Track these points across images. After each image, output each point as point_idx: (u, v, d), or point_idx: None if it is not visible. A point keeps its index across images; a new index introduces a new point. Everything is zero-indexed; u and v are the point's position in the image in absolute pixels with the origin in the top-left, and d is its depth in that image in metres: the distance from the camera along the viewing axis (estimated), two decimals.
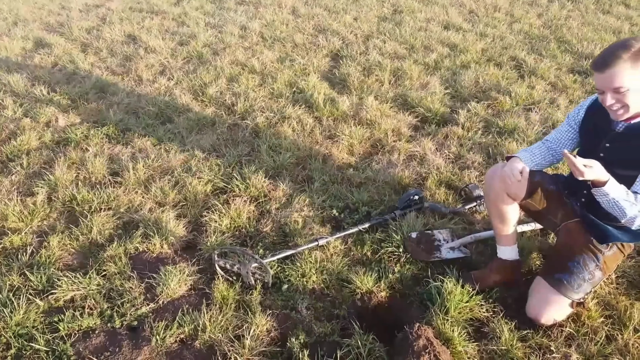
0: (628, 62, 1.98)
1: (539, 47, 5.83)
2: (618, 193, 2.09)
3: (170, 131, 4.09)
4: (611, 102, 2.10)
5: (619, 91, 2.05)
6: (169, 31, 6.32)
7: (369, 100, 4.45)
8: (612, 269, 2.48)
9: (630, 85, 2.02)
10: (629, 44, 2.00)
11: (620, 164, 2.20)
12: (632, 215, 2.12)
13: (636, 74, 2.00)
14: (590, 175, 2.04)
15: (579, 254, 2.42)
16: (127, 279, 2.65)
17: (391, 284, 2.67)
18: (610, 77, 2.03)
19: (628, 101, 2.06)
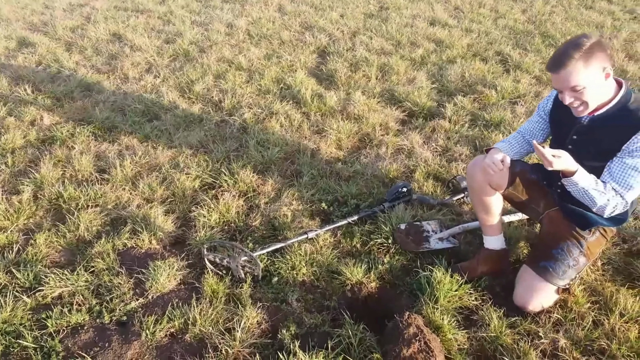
0: (580, 61, 2.02)
1: (524, 42, 5.89)
2: (587, 182, 2.14)
3: (158, 128, 4.07)
4: (570, 100, 2.15)
5: (575, 90, 2.09)
6: (154, 29, 6.28)
7: (356, 96, 4.46)
8: (595, 254, 2.51)
9: (586, 82, 2.06)
10: (580, 43, 2.03)
11: (587, 156, 2.25)
12: (601, 204, 2.17)
13: (590, 72, 2.04)
14: (559, 165, 2.08)
15: (562, 241, 2.45)
16: (115, 275, 2.64)
17: (381, 274, 2.68)
18: (565, 78, 2.07)
19: (586, 98, 2.11)
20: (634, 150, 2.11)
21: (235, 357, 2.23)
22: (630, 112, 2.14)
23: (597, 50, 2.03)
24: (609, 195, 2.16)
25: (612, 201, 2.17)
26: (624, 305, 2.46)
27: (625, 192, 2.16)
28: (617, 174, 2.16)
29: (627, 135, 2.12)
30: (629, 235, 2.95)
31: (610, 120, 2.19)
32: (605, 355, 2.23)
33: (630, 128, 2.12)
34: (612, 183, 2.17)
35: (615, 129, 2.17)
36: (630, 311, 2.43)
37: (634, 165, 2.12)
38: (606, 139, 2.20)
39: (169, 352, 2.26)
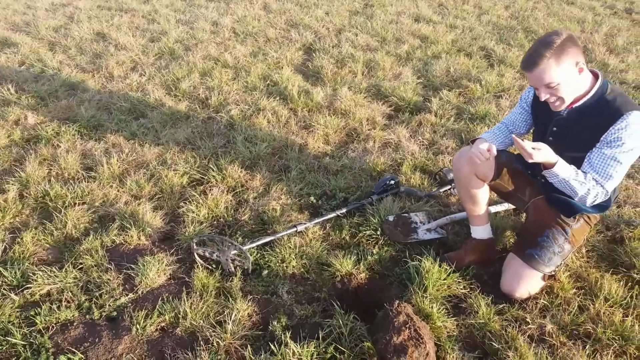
0: (552, 59, 2.07)
1: (507, 37, 5.96)
2: (567, 173, 2.20)
3: (144, 126, 4.05)
4: (546, 96, 2.20)
5: (550, 86, 2.14)
6: (139, 28, 6.24)
7: (342, 91, 4.49)
8: (580, 241, 2.56)
9: (560, 79, 2.11)
10: (550, 41, 2.07)
11: (568, 147, 2.30)
12: (582, 194, 2.23)
13: (563, 68, 2.09)
14: (539, 158, 2.14)
15: (548, 229, 2.49)
16: (104, 271, 2.62)
17: (370, 265, 2.70)
18: (538, 76, 2.13)
19: (561, 94, 2.17)
20: (612, 140, 2.16)
21: (226, 349, 2.23)
22: (607, 103, 2.19)
23: (568, 46, 2.07)
24: (590, 185, 2.21)
25: (593, 191, 2.22)
26: (608, 290, 2.51)
27: (605, 181, 2.21)
28: (596, 164, 2.21)
29: (604, 126, 2.17)
30: (612, 222, 3.01)
31: (588, 112, 2.24)
32: (591, 338, 2.28)
33: (607, 119, 2.16)
34: (593, 173, 2.22)
35: (593, 120, 2.21)
36: (615, 296, 2.47)
37: (612, 156, 2.16)
38: (585, 130, 2.25)
39: (160, 346, 2.26)
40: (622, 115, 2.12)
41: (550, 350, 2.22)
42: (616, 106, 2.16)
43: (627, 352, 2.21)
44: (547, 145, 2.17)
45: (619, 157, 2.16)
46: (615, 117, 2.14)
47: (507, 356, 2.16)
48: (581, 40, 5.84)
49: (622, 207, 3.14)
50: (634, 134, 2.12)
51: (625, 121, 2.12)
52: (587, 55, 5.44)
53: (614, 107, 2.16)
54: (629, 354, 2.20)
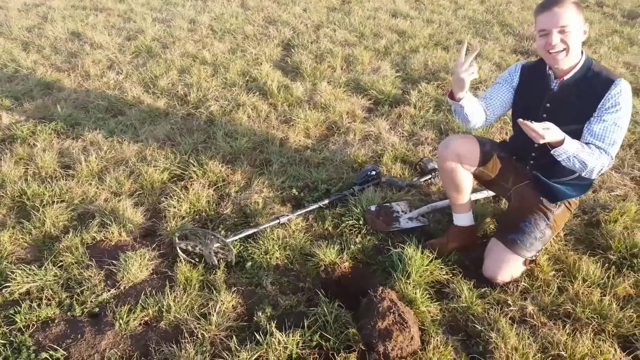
0: (574, 5, 2.16)
1: (483, 31, 6.04)
2: (575, 148, 2.18)
3: (122, 123, 4.00)
4: (556, 41, 2.19)
5: (564, 30, 2.17)
6: (115, 27, 6.16)
7: (322, 86, 4.50)
8: (560, 226, 2.61)
9: (574, 26, 2.17)
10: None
11: (564, 120, 2.31)
12: (592, 165, 2.22)
13: (578, 19, 2.18)
14: (550, 137, 2.11)
15: (530, 214, 2.54)
16: (85, 268, 2.59)
17: (354, 254, 2.72)
18: (559, 14, 2.16)
19: (570, 42, 2.20)
20: (610, 107, 2.22)
21: (212, 341, 2.22)
22: (596, 73, 2.28)
23: (581, 9, 2.20)
24: (596, 154, 2.22)
25: (600, 160, 2.23)
26: (586, 271, 2.56)
27: (610, 148, 2.24)
28: (598, 132, 2.25)
29: (598, 94, 2.24)
30: (588, 207, 3.07)
31: (578, 83, 2.31)
32: (571, 318, 2.33)
33: (599, 87, 2.24)
34: (596, 142, 2.25)
35: (586, 90, 2.28)
36: (592, 276, 2.53)
37: (613, 121, 2.22)
38: (578, 100, 2.31)
39: (144, 340, 2.24)
40: (614, 81, 2.21)
41: (532, 330, 2.26)
42: (605, 76, 2.25)
43: (606, 329, 2.27)
44: (553, 124, 2.15)
45: (618, 122, 2.22)
46: (607, 85, 2.22)
47: (490, 337, 2.19)
48: None
49: (598, 192, 3.21)
50: (627, 98, 2.22)
51: (618, 86, 2.21)
52: None
53: (603, 77, 2.25)
54: (607, 332, 2.26)
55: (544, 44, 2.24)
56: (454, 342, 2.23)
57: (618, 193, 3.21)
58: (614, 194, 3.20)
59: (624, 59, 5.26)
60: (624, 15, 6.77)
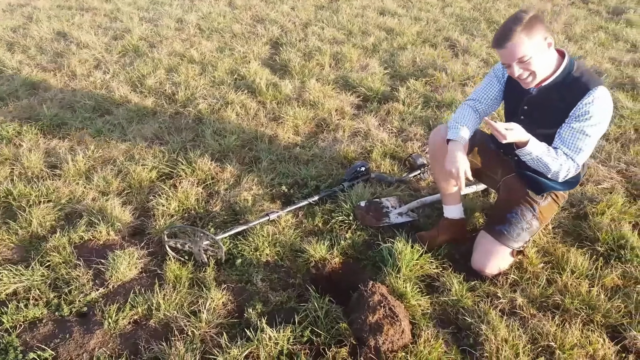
0: (523, 33, 2.12)
1: (471, 28, 6.07)
2: (540, 150, 2.25)
3: (110, 122, 3.97)
4: (519, 72, 2.24)
5: (523, 60, 2.18)
6: (101, 27, 6.11)
7: (311, 83, 4.49)
8: (548, 218, 2.63)
9: (531, 52, 2.16)
10: (520, 17, 2.13)
11: (539, 124, 2.37)
12: (555, 169, 2.29)
13: (533, 43, 2.14)
14: (512, 137, 2.18)
15: (516, 206, 2.55)
16: (73, 268, 2.56)
17: (344, 250, 2.72)
18: (512, 50, 2.16)
19: (534, 68, 2.21)
20: (580, 115, 2.22)
21: (202, 338, 2.21)
22: (574, 80, 2.26)
23: (535, 22, 2.13)
24: (561, 160, 2.27)
25: (565, 165, 2.28)
26: (574, 263, 2.59)
27: (575, 155, 2.27)
28: (567, 138, 2.28)
29: (573, 101, 2.24)
30: (576, 200, 3.10)
31: (556, 89, 2.30)
32: (560, 309, 2.34)
33: (575, 95, 2.23)
34: (563, 148, 2.29)
35: (562, 97, 2.28)
36: (581, 268, 2.55)
37: (581, 129, 2.23)
38: (555, 107, 2.31)
39: (133, 339, 2.22)
40: (589, 90, 2.20)
41: (522, 322, 2.28)
42: (583, 82, 2.23)
43: (594, 320, 2.29)
44: (518, 125, 2.21)
45: (587, 130, 2.23)
46: (582, 93, 2.21)
47: (480, 329, 2.20)
48: None
49: (585, 185, 3.24)
50: (600, 108, 2.20)
51: (591, 96, 2.19)
52: None
53: (580, 84, 2.23)
54: (596, 322, 2.28)
55: (510, 73, 2.28)
56: (444, 335, 2.24)
57: (605, 186, 3.23)
58: (601, 186, 3.23)
59: (609, 54, 5.32)
60: (609, 12, 6.84)
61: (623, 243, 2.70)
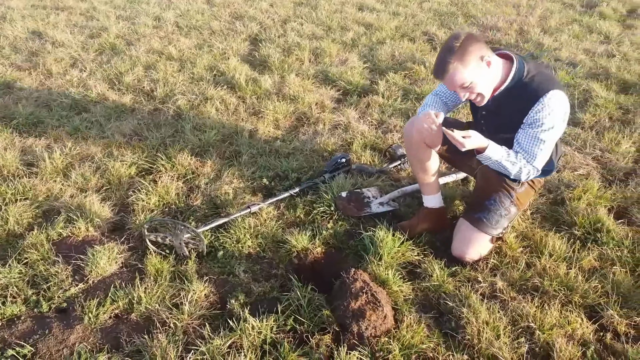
0: (457, 63, 2.14)
1: (448, 22, 6.13)
2: (499, 155, 2.30)
3: (87, 120, 3.92)
4: (466, 95, 2.29)
5: (464, 87, 2.23)
6: (77, 25, 6.02)
7: (290, 78, 4.49)
8: (525, 204, 2.67)
9: (470, 78, 2.19)
10: (451, 46, 2.14)
11: (498, 129, 2.42)
12: (515, 173, 2.35)
13: (470, 69, 2.16)
14: (470, 145, 2.23)
15: (494, 193, 2.58)
16: (52, 264, 2.52)
17: (326, 240, 2.72)
18: (450, 81, 2.21)
19: (478, 90, 2.25)
20: (532, 122, 2.27)
21: (184, 329, 2.19)
22: (525, 85, 2.28)
23: (469, 45, 2.14)
24: (521, 164, 2.32)
25: (525, 169, 2.34)
26: (552, 246, 2.63)
27: (532, 160, 2.33)
28: (523, 144, 2.33)
29: (526, 108, 2.27)
30: (553, 186, 3.15)
31: (508, 98, 2.33)
32: (539, 291, 2.38)
33: (527, 102, 2.26)
34: (521, 152, 2.34)
35: (515, 105, 2.31)
36: (559, 251, 2.60)
37: (535, 136, 2.28)
38: (509, 113, 2.35)
39: (114, 333, 2.20)
40: (539, 98, 2.21)
41: (502, 304, 2.31)
42: (533, 89, 2.25)
43: (572, 300, 2.33)
44: (476, 132, 2.25)
45: (541, 136, 2.26)
46: (533, 100, 2.23)
47: (462, 313, 2.23)
48: (517, 22, 6.07)
49: (562, 172, 3.29)
50: (552, 113, 2.22)
51: (541, 104, 2.21)
52: (523, 36, 5.68)
53: (531, 90, 2.25)
54: (574, 303, 2.32)
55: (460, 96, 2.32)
56: (426, 320, 2.26)
57: (581, 172, 3.29)
58: (577, 173, 3.28)
59: (584, 46, 5.41)
60: (583, 5, 6.96)
61: (599, 226, 2.76)
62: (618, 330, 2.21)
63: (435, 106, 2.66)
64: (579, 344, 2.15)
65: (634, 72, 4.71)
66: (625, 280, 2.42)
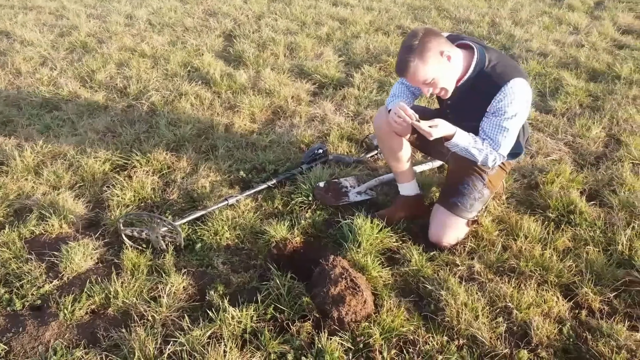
0: (417, 61, 2.16)
1: (422, 16, 6.18)
2: (466, 142, 2.33)
3: (59, 118, 3.84)
4: (429, 92, 2.31)
5: (427, 83, 2.24)
6: (46, 24, 5.90)
7: (266, 72, 4.48)
8: (497, 185, 2.70)
9: (432, 74, 2.20)
10: (410, 45, 2.16)
11: (464, 117, 2.43)
12: (482, 159, 2.38)
13: (430, 65, 2.18)
14: (438, 134, 2.26)
15: (467, 177, 2.60)
16: (24, 262, 2.47)
17: (304, 229, 2.72)
18: (412, 79, 2.23)
19: (441, 85, 2.27)
20: (496, 111, 2.30)
21: (163, 322, 2.16)
22: (487, 76, 2.29)
23: (428, 42, 2.15)
24: (487, 151, 2.35)
25: (491, 156, 2.37)
26: (527, 229, 2.67)
27: (497, 147, 2.36)
28: (488, 132, 2.36)
29: (488, 97, 2.29)
30: (527, 171, 3.20)
31: (471, 88, 2.35)
32: (516, 272, 2.42)
33: (489, 91, 2.28)
34: (487, 139, 2.37)
35: (478, 94, 2.33)
36: (534, 233, 2.64)
37: (498, 124, 2.31)
38: (473, 102, 2.37)
39: (91, 328, 2.16)
40: (501, 87, 2.24)
41: (480, 286, 2.34)
42: (495, 78, 2.27)
43: (548, 280, 2.37)
44: (442, 120, 2.27)
45: (504, 124, 2.30)
46: (495, 89, 2.26)
47: (441, 296, 2.25)
48: (489, 15, 6.16)
49: (535, 158, 3.35)
50: (514, 101, 2.24)
51: (503, 92, 2.24)
52: (495, 29, 5.76)
53: (493, 80, 2.27)
54: (550, 282, 2.36)
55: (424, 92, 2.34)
56: (406, 304, 2.27)
57: (554, 157, 3.36)
58: (550, 158, 3.35)
59: (554, 36, 5.52)
60: None
61: (572, 208, 2.81)
62: (592, 307, 2.26)
63: (402, 95, 2.66)
64: (556, 321, 2.19)
65: (602, 61, 4.82)
66: (598, 259, 2.47)
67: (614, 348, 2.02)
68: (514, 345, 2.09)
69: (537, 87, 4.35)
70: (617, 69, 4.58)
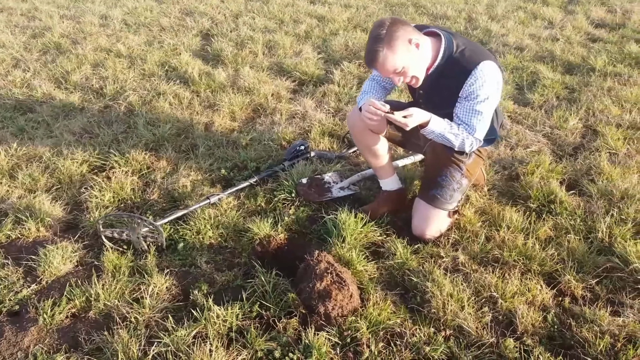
0: (386, 51, 2.15)
1: (399, 12, 6.20)
2: (442, 128, 2.34)
3: (33, 120, 3.75)
4: (400, 81, 2.30)
5: (397, 72, 2.24)
6: (18, 26, 5.76)
7: (245, 70, 4.44)
8: (475, 173, 2.70)
9: (401, 63, 2.20)
10: (378, 34, 2.15)
11: (438, 104, 2.44)
12: (458, 144, 2.39)
13: (399, 54, 2.16)
14: (413, 123, 2.26)
15: (445, 168, 2.60)
16: (0, 267, 2.40)
17: (288, 226, 2.70)
18: (382, 69, 2.22)
19: (412, 73, 2.27)
20: (468, 95, 2.31)
21: (146, 323, 2.12)
22: (456, 61, 2.29)
23: (395, 31, 2.14)
24: (463, 135, 2.36)
25: (467, 141, 2.38)
26: (510, 219, 2.69)
27: (473, 131, 2.37)
28: (462, 117, 2.37)
29: (460, 82, 2.30)
30: (507, 163, 3.23)
31: (441, 74, 2.35)
32: (499, 262, 2.44)
33: (460, 76, 2.29)
34: (462, 124, 2.38)
35: (449, 80, 2.34)
36: (516, 223, 2.66)
37: (472, 108, 2.32)
38: (445, 88, 2.37)
39: (72, 332, 2.11)
40: (471, 71, 2.25)
41: (465, 277, 2.35)
42: (464, 62, 2.27)
43: (531, 269, 2.39)
44: (416, 109, 2.27)
45: (477, 107, 2.31)
46: (466, 73, 2.26)
47: (426, 287, 2.25)
48: (465, 11, 6.21)
49: (515, 149, 3.38)
50: (485, 84, 2.25)
51: (473, 76, 2.25)
52: (472, 24, 5.81)
53: (462, 64, 2.27)
54: (533, 271, 2.38)
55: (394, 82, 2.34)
56: (392, 297, 2.27)
57: (533, 149, 3.39)
58: (530, 149, 3.38)
59: (529, 31, 5.59)
60: None
61: (552, 198, 2.85)
62: (575, 294, 2.29)
63: (373, 92, 2.65)
64: (540, 309, 2.21)
65: (577, 54, 4.89)
66: (579, 247, 2.50)
67: (598, 333, 2.04)
68: (500, 334, 2.10)
69: (515, 80, 4.40)
70: (591, 61, 4.66)
